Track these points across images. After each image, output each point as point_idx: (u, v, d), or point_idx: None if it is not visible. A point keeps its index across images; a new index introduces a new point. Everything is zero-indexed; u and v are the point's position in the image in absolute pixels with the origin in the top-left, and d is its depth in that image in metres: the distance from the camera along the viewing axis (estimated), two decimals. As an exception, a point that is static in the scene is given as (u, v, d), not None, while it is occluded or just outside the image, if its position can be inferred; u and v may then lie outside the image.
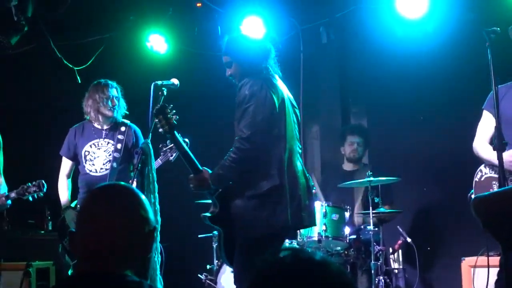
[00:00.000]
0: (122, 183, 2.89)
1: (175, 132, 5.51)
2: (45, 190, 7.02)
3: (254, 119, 5.25)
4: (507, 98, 5.88)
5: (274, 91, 5.40)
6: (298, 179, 5.42)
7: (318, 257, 2.04)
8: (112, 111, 7.26)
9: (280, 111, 5.41)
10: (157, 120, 5.48)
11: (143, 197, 2.79)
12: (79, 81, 8.77)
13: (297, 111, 5.75)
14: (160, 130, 5.52)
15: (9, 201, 6.98)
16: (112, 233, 2.63)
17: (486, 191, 5.73)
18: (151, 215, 2.77)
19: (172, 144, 6.89)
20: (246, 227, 5.31)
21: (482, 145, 5.98)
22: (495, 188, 5.70)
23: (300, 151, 5.62)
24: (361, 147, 8.67)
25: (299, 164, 5.51)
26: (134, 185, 5.73)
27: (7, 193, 6.97)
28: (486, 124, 6.01)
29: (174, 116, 5.50)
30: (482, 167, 5.95)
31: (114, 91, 7.32)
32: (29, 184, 6.95)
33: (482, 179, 5.93)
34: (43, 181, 7.01)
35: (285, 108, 5.50)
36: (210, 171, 5.42)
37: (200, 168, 5.43)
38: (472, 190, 5.98)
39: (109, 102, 7.24)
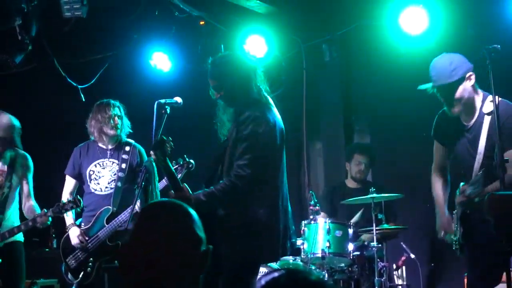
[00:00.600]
0: (174, 200, 2.83)
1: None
2: (82, 205, 7.04)
3: (255, 159, 5.26)
4: (449, 128, 5.96)
5: (275, 125, 5.42)
6: (288, 208, 5.49)
7: (314, 277, 2.05)
8: (115, 130, 7.28)
9: (280, 145, 5.45)
10: (153, 155, 5.47)
11: (195, 214, 2.73)
12: (83, 100, 8.80)
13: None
14: (153, 163, 5.53)
15: (50, 218, 6.97)
16: (169, 256, 2.57)
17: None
18: (203, 233, 2.72)
19: (178, 166, 6.92)
20: (240, 253, 5.28)
21: (434, 179, 6.38)
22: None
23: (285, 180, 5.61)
24: (368, 168, 8.69)
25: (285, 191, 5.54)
26: (138, 203, 5.76)
27: (46, 211, 6.96)
28: (438, 152, 6.32)
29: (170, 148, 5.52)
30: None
31: (117, 110, 7.33)
32: (65, 201, 6.94)
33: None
34: (79, 197, 7.04)
35: (283, 140, 5.53)
36: (189, 190, 5.41)
37: (180, 185, 5.44)
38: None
39: (111, 121, 7.26)
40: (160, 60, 9.32)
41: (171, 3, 8.41)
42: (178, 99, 6.06)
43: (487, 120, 5.61)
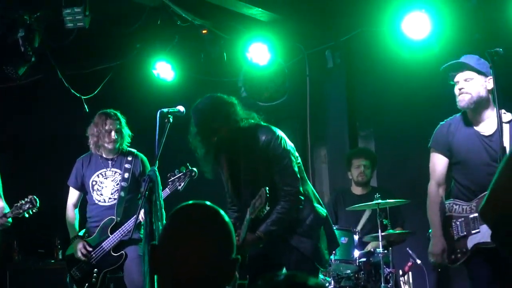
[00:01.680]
0: (207, 202, 2.73)
1: None
2: (38, 205, 7.07)
3: (295, 173, 5.51)
4: (458, 137, 5.87)
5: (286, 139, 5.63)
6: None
7: (312, 282, 2.04)
8: (112, 144, 7.24)
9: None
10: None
11: (228, 219, 2.69)
12: (87, 110, 8.81)
13: None
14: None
15: (10, 219, 7.02)
16: (206, 262, 2.53)
17: (447, 232, 5.85)
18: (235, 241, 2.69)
19: (181, 174, 6.94)
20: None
21: (431, 198, 6.03)
22: (454, 228, 5.79)
23: None
24: (369, 169, 8.64)
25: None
26: (142, 212, 5.75)
27: (5, 212, 7.04)
28: (437, 165, 6.07)
29: None
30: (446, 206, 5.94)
31: (115, 123, 7.28)
32: (22, 201, 7.01)
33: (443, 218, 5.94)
34: (35, 196, 7.06)
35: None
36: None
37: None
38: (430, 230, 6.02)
39: (108, 136, 7.22)
40: (163, 70, 9.34)
41: (173, 12, 8.41)
42: (181, 108, 6.05)
43: (506, 128, 5.58)
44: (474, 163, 5.65)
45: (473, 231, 5.65)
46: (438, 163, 6.02)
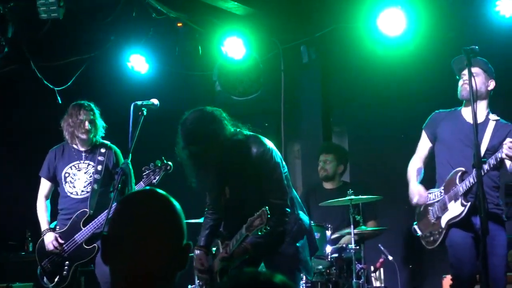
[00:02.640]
0: (157, 190, 2.63)
1: None
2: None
3: (285, 186, 5.48)
4: (445, 123, 6.36)
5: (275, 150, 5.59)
6: None
7: (278, 279, 2.01)
8: (86, 135, 7.19)
9: None
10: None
11: (179, 206, 2.59)
12: (60, 102, 8.75)
13: None
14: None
15: None
16: (157, 250, 2.46)
17: (426, 219, 6.43)
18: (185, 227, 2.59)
19: (156, 168, 6.91)
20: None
21: (412, 163, 6.82)
22: (431, 214, 6.37)
23: None
24: (331, 164, 8.65)
25: None
26: (114, 205, 5.71)
27: None
28: (422, 145, 6.70)
29: None
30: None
31: (89, 113, 7.23)
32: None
33: (422, 209, 6.55)
34: None
35: None
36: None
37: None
38: (415, 222, 6.62)
39: (82, 126, 7.16)
40: (138, 62, 9.30)
41: (148, 5, 8.38)
42: (155, 101, 6.03)
43: (491, 124, 6.06)
44: (453, 145, 6.07)
45: (444, 211, 6.19)
46: (423, 144, 6.68)
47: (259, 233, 5.22)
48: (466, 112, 6.26)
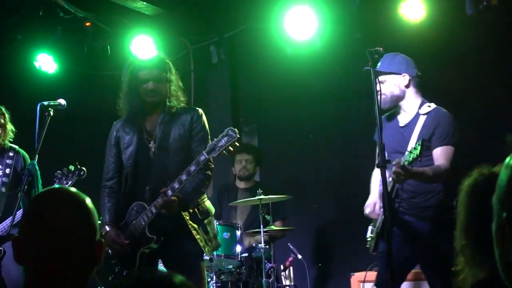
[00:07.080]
0: (69, 188, 2.67)
1: None
2: None
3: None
4: (384, 130, 6.17)
5: None
6: None
7: (178, 280, 2.02)
8: None
9: None
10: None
11: (89, 200, 2.60)
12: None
13: None
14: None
15: None
16: (71, 249, 2.45)
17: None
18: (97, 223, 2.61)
19: (68, 173, 6.82)
20: None
21: (373, 176, 6.43)
22: (378, 221, 6.16)
23: None
24: (251, 164, 8.71)
25: None
26: (21, 210, 5.65)
27: None
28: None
29: None
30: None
31: None
32: None
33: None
34: None
35: None
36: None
37: None
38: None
39: None
40: (45, 62, 9.15)
41: (56, 4, 8.26)
42: (62, 101, 5.98)
43: (421, 120, 5.97)
44: (388, 151, 5.91)
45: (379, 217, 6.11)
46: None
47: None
48: (397, 113, 6.25)
